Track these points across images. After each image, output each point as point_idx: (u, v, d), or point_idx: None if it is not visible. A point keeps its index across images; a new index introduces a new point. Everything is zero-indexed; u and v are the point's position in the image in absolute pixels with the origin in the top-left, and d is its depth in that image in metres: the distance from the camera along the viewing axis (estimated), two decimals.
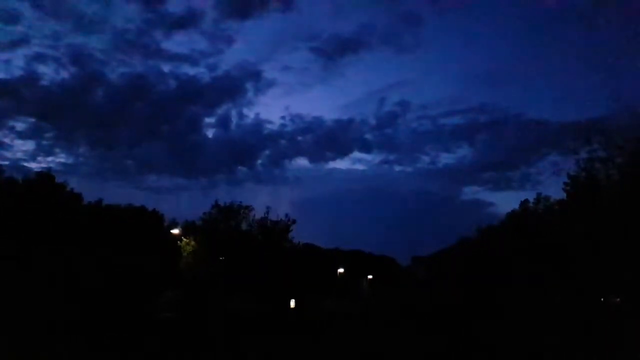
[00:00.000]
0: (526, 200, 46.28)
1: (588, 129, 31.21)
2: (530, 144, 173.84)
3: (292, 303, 50.32)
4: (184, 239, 44.77)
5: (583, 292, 33.11)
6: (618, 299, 33.60)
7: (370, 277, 78.01)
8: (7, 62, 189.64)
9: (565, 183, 32.91)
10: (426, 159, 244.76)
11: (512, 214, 48.98)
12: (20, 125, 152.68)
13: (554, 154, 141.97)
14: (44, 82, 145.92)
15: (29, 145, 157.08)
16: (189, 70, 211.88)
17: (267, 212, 47.82)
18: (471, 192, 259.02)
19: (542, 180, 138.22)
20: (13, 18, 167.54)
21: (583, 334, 24.31)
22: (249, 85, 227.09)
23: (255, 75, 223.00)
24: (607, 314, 31.56)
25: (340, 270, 66.27)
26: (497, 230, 50.10)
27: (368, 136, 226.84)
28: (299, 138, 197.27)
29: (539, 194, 44.60)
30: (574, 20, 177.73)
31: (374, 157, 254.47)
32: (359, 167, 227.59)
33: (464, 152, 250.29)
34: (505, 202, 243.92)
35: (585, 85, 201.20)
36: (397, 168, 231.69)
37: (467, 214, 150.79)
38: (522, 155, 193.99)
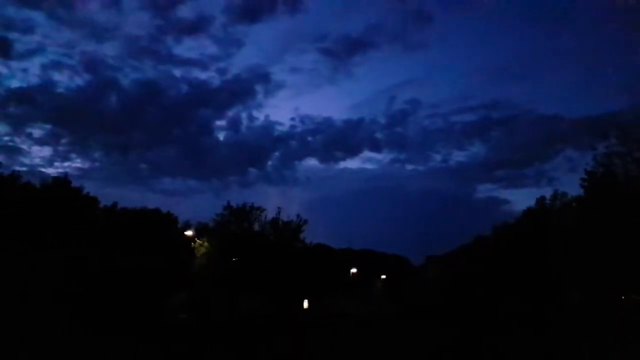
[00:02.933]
0: (542, 197, 45.53)
1: (604, 123, 30.61)
2: (544, 140, 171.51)
3: (305, 304, 50.20)
4: (198, 241, 44.91)
5: (603, 290, 32.42)
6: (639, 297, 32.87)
7: (383, 276, 77.50)
8: (24, 70, 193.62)
9: (582, 179, 32.21)
10: (438, 157, 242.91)
11: (528, 212, 48.22)
12: (37, 132, 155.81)
13: (568, 149, 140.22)
14: (60, 90, 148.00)
15: (46, 151, 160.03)
16: (200, 74, 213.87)
17: (279, 213, 47.69)
18: (485, 190, 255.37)
19: (557, 176, 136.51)
20: (29, 28, 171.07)
21: (603, 332, 23.77)
22: (258, 88, 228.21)
23: (265, 78, 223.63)
24: (628, 311, 30.88)
25: (353, 270, 65.95)
26: (513, 228, 49.35)
27: (378, 135, 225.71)
28: (309, 139, 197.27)
29: (555, 191, 43.90)
30: (586, 15, 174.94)
31: (384, 157, 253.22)
32: (370, 166, 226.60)
33: (476, 149, 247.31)
34: (521, 199, 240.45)
35: (599, 79, 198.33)
36: (409, 167, 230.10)
37: (482, 212, 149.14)
38: (536, 152, 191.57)
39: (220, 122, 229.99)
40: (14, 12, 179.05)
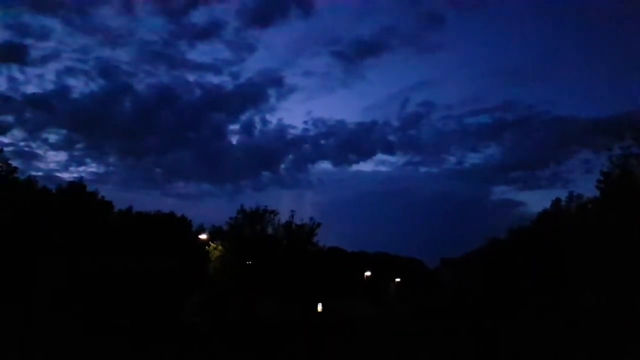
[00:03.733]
0: (558, 199, 45.05)
1: (620, 124, 30.25)
2: (559, 141, 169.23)
3: (320, 307, 50.20)
4: (212, 244, 45.23)
5: (620, 293, 31.85)
6: None
7: (398, 280, 77.18)
8: (40, 76, 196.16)
9: (598, 180, 31.90)
10: (452, 159, 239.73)
11: (543, 214, 47.69)
12: (52, 137, 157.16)
13: (584, 150, 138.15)
14: (75, 95, 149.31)
15: (62, 156, 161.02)
16: (213, 79, 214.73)
17: (292, 216, 47.83)
18: (500, 192, 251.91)
19: (573, 178, 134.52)
20: (44, 34, 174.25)
21: (620, 337, 23.32)
22: (271, 92, 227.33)
23: (277, 82, 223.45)
24: None
25: (367, 273, 65.79)
26: (528, 230, 48.80)
27: (391, 138, 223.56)
28: (322, 142, 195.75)
29: (571, 192, 43.41)
30: (601, 14, 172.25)
31: (398, 159, 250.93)
32: (383, 169, 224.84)
33: (491, 151, 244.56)
34: (536, 201, 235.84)
35: (615, 80, 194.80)
36: (423, 169, 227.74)
37: (497, 215, 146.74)
38: (551, 153, 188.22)
39: (234, 126, 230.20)
40: (30, 18, 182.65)
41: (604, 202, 31.71)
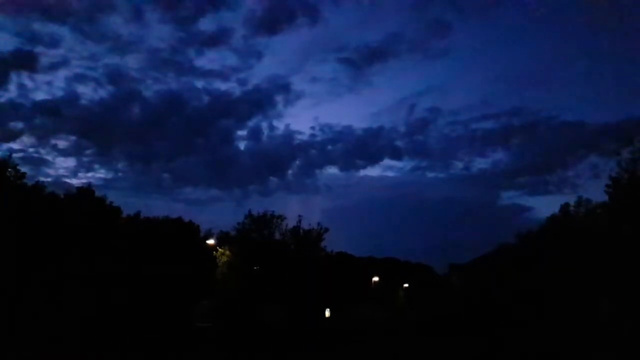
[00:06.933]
0: (566, 204, 44.67)
1: (629, 129, 30.09)
2: (567, 146, 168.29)
3: (327, 312, 50.12)
4: (219, 249, 45.37)
5: (633, 299, 31.45)
6: None
7: (406, 285, 76.85)
8: (49, 83, 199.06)
9: (607, 185, 31.68)
10: (459, 164, 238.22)
11: (552, 219, 47.31)
12: (61, 143, 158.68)
13: (592, 155, 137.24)
14: (84, 102, 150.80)
15: (70, 162, 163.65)
16: (221, 85, 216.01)
17: (300, 221, 47.85)
18: (508, 197, 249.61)
19: (581, 183, 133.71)
20: (54, 42, 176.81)
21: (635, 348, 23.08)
22: (278, 98, 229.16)
23: (285, 88, 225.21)
24: None
25: (375, 278, 65.59)
26: (537, 235, 48.40)
27: (398, 143, 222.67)
28: (329, 147, 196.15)
29: (579, 197, 43.09)
30: (608, 19, 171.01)
31: (405, 164, 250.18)
32: (391, 174, 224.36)
33: (498, 156, 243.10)
34: (545, 206, 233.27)
35: (623, 85, 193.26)
36: (430, 174, 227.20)
37: (505, 220, 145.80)
38: (559, 158, 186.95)
39: (241, 132, 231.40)
40: (40, 26, 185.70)
41: (613, 207, 31.44)
